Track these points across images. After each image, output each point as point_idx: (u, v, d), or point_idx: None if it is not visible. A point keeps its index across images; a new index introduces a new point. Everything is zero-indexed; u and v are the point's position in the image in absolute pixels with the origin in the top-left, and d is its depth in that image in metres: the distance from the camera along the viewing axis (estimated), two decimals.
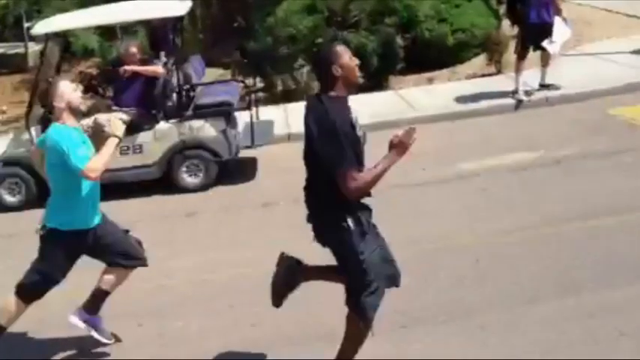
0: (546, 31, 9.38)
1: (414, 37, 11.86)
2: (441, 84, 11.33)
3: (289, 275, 4.54)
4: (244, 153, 8.77)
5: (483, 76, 11.28)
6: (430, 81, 11.54)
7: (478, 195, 7.32)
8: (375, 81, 11.61)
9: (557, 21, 9.42)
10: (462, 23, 11.91)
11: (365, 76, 11.89)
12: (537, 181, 7.50)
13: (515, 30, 10.12)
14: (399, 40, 11.66)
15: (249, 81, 9.81)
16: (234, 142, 8.52)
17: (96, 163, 4.78)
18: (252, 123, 8.63)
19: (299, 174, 4.37)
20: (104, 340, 5.16)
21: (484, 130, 9.17)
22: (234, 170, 8.65)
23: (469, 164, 8.13)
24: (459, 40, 11.81)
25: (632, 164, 7.55)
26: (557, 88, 9.93)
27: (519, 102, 9.74)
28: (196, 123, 8.38)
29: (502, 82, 10.48)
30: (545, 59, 9.82)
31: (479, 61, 11.80)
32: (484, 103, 9.98)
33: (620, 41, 11.69)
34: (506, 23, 11.91)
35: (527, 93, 9.87)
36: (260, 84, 11.40)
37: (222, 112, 8.47)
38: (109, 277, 5.10)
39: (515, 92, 9.70)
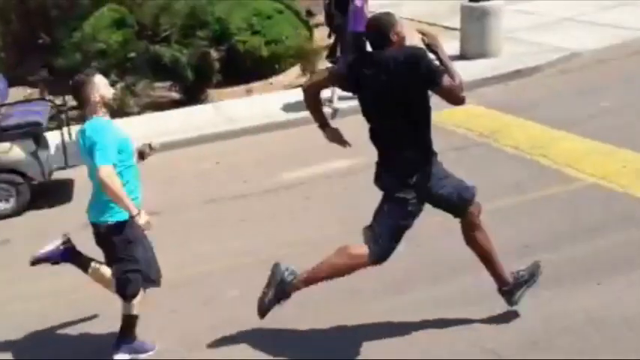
0: (364, 40, 9.67)
1: (228, 50, 11.90)
2: (259, 95, 11.39)
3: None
4: (59, 174, 8.37)
5: (299, 86, 11.46)
6: (248, 92, 11.59)
7: (302, 203, 7.41)
8: (191, 94, 11.51)
9: None
10: (274, 35, 12.10)
11: (181, 90, 11.80)
12: (358, 186, 7.66)
13: (330, 40, 10.40)
14: (214, 53, 11.64)
15: (59, 99, 9.37)
16: (47, 163, 8.14)
17: (117, 182, 4.50)
18: (64, 143, 8.28)
19: None
20: (151, 353, 5.01)
21: (304, 140, 9.28)
22: (50, 193, 8.27)
23: (291, 174, 8.21)
24: (272, 51, 11.98)
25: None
26: None
27: (335, 110, 9.95)
28: (2, 146, 7.94)
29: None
30: None
31: (294, 72, 11.99)
32: (302, 113, 10.11)
33: None
34: (317, 34, 12.18)
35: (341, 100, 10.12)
36: (71, 102, 10.93)
37: (31, 133, 8.07)
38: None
39: (330, 101, 9.90)
